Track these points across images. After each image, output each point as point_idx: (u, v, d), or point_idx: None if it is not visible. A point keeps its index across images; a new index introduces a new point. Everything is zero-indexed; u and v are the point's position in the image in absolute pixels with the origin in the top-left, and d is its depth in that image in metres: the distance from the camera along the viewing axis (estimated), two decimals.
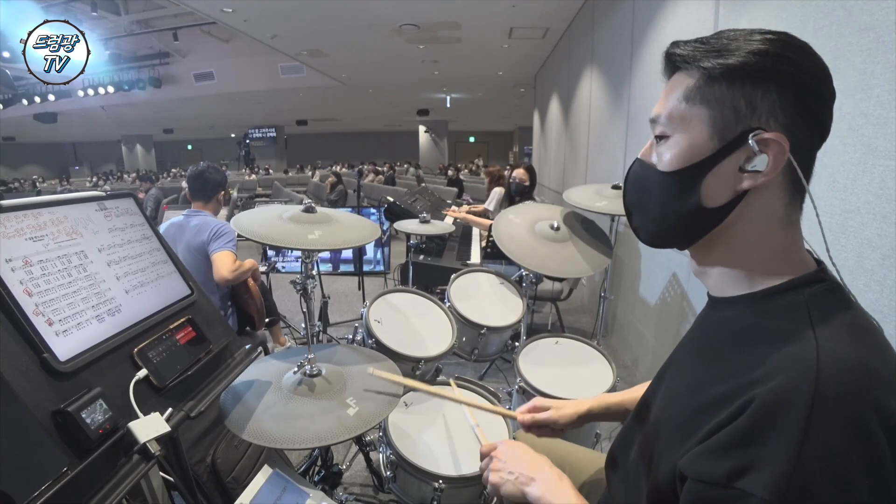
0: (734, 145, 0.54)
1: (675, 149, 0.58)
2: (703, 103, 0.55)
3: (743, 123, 0.53)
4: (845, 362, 0.46)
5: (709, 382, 0.54)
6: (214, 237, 2.07)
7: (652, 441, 0.63)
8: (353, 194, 7.59)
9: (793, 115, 0.52)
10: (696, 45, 0.57)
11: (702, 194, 0.56)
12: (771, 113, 0.52)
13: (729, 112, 0.54)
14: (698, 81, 0.56)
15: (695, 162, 0.56)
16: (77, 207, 0.86)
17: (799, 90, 0.52)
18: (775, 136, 0.51)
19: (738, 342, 0.55)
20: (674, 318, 2.29)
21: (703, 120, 0.55)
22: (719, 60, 0.54)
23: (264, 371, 1.21)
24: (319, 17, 5.25)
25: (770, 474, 0.43)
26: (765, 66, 0.52)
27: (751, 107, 0.53)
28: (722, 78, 0.54)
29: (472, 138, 23.33)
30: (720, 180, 0.55)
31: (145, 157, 20.11)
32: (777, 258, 0.56)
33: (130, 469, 0.70)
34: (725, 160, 0.54)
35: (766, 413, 0.45)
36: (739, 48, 0.53)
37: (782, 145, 0.52)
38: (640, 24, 2.76)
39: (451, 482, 1.17)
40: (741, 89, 0.53)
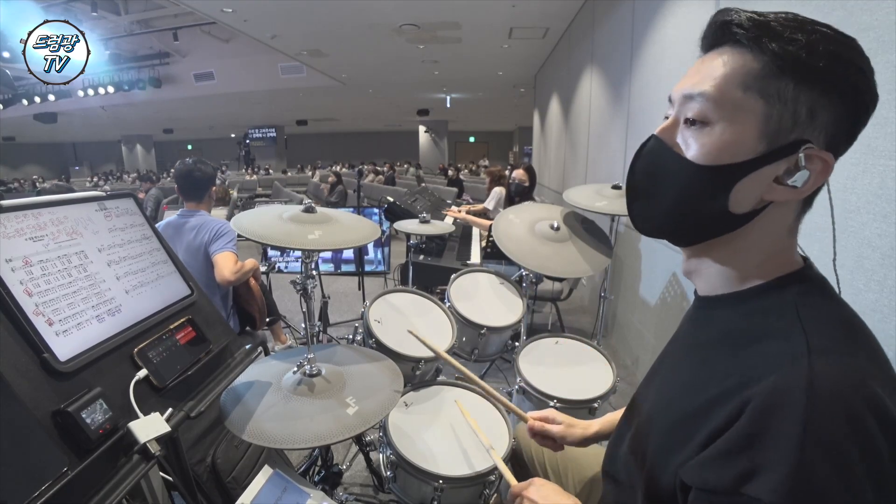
0: (781, 153, 0.49)
1: (714, 140, 0.51)
2: (762, 96, 0.48)
3: (797, 132, 0.48)
4: (836, 359, 0.46)
5: (703, 384, 0.54)
6: (215, 238, 2.05)
7: (645, 440, 0.63)
8: (353, 194, 7.59)
9: (842, 133, 0.49)
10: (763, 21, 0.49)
11: (731, 198, 0.51)
12: (825, 127, 0.48)
13: (787, 115, 0.48)
14: (764, 69, 0.48)
15: (735, 161, 0.50)
16: (77, 207, 0.86)
17: (860, 109, 0.49)
18: (826, 156, 0.48)
19: (730, 342, 0.55)
20: (674, 318, 2.29)
21: (756, 116, 0.49)
22: (795, 49, 0.47)
23: (264, 371, 1.21)
24: (319, 17, 5.25)
25: (775, 477, 0.43)
26: (844, 77, 0.47)
27: (811, 115, 0.48)
28: (793, 73, 0.47)
29: (472, 138, 23.33)
30: (753, 186, 0.50)
31: (145, 157, 20.11)
32: (773, 261, 0.56)
33: (130, 469, 0.70)
34: (766, 167, 0.50)
35: (763, 415, 0.45)
36: (818, 45, 0.47)
37: (829, 165, 0.49)
38: (640, 24, 2.76)
39: (451, 482, 1.17)
40: (808, 93, 0.47)
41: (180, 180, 2.15)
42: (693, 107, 0.52)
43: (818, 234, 1.26)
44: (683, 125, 0.54)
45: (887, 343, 1.01)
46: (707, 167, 0.51)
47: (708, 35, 0.55)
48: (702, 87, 0.52)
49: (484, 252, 3.33)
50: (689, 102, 0.53)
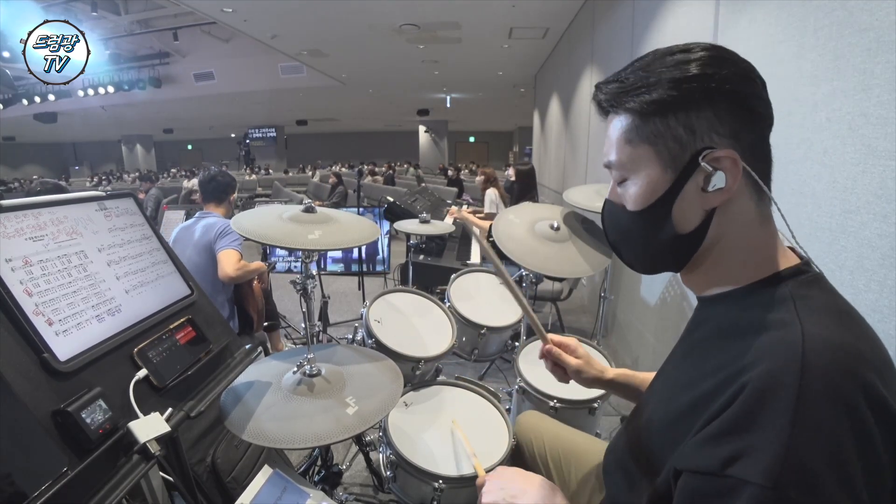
0: (689, 171, 0.55)
1: (635, 189, 0.59)
2: (644, 142, 0.56)
3: (690, 149, 0.54)
4: (829, 343, 0.47)
5: (699, 378, 0.55)
6: (220, 235, 2.10)
7: (646, 439, 0.64)
8: (354, 195, 7.60)
9: (733, 123, 0.53)
10: (617, 87, 0.58)
11: (675, 223, 0.57)
12: (711, 129, 0.53)
13: (672, 143, 0.55)
14: (633, 122, 0.57)
15: (658, 197, 0.57)
16: (77, 207, 0.86)
17: (730, 99, 0.53)
18: (725, 153, 0.52)
19: (726, 336, 0.56)
20: (674, 318, 2.29)
21: (651, 157, 0.56)
22: (643, 98, 0.55)
23: (264, 371, 1.21)
24: (319, 17, 5.25)
25: (763, 459, 0.43)
26: (690, 90, 0.53)
27: (690, 131, 0.53)
28: (654, 114, 0.55)
29: (472, 138, 23.33)
30: (687, 206, 0.56)
31: (145, 157, 20.11)
32: (758, 255, 0.57)
33: (130, 469, 0.70)
34: (686, 187, 0.55)
35: (755, 398, 0.46)
36: (660, 79, 0.54)
37: (734, 159, 0.52)
38: (640, 24, 2.76)
39: (451, 482, 1.17)
40: (676, 118, 0.54)
41: (203, 184, 2.32)
42: (614, 171, 0.62)
43: (819, 234, 1.26)
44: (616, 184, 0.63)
45: (887, 343, 1.01)
46: (642, 211, 0.59)
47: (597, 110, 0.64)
48: (609, 157, 0.62)
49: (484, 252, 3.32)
50: (611, 169, 0.63)
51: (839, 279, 1.15)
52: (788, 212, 0.61)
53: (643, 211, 0.59)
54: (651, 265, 0.66)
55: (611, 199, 0.66)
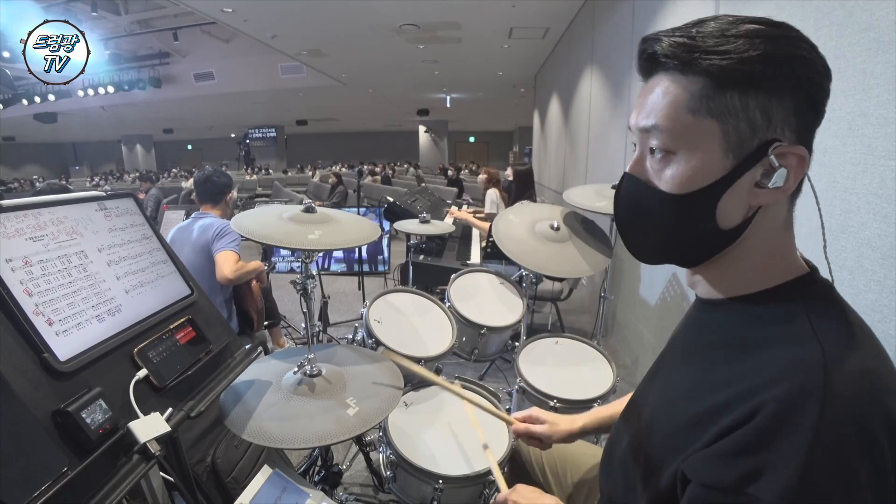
0: (751, 161, 0.49)
1: (683, 168, 0.51)
2: (712, 116, 0.49)
3: (760, 136, 0.48)
4: (852, 368, 0.45)
5: (709, 388, 0.53)
6: (218, 236, 2.09)
7: (646, 442, 0.62)
8: (354, 195, 7.60)
9: (804, 119, 0.49)
10: (688, 41, 0.49)
11: (717, 216, 0.51)
12: (785, 121, 0.48)
13: (744, 126, 0.48)
14: (704, 89, 0.49)
15: (709, 182, 0.50)
16: (77, 207, 0.86)
17: (812, 93, 0.49)
18: (796, 150, 0.48)
19: (738, 347, 0.54)
20: (674, 318, 2.29)
21: (714, 135, 0.49)
22: (727, 64, 0.47)
23: (264, 371, 1.21)
24: (319, 17, 5.25)
25: (780, 480, 0.43)
26: (780, 71, 0.47)
27: (766, 117, 0.48)
28: (733, 86, 0.47)
29: (472, 138, 23.33)
30: (736, 199, 0.50)
31: (145, 157, 20.12)
32: (774, 261, 0.55)
33: (130, 469, 0.70)
34: (743, 177, 0.49)
35: (776, 419, 0.45)
36: (747, 50, 0.46)
37: (803, 157, 0.48)
38: (640, 24, 2.76)
39: (451, 482, 1.17)
40: (756, 98, 0.47)
41: (199, 184, 2.30)
42: (653, 139, 0.53)
43: (819, 233, 1.26)
44: (650, 155, 0.55)
45: (887, 343, 1.01)
46: (684, 195, 0.51)
47: (641, 66, 0.55)
48: (654, 119, 0.52)
49: (484, 252, 3.33)
50: (648, 135, 0.53)
51: (839, 279, 1.15)
52: None
53: (685, 196, 0.51)
54: (663, 255, 0.58)
55: (634, 175, 0.56)
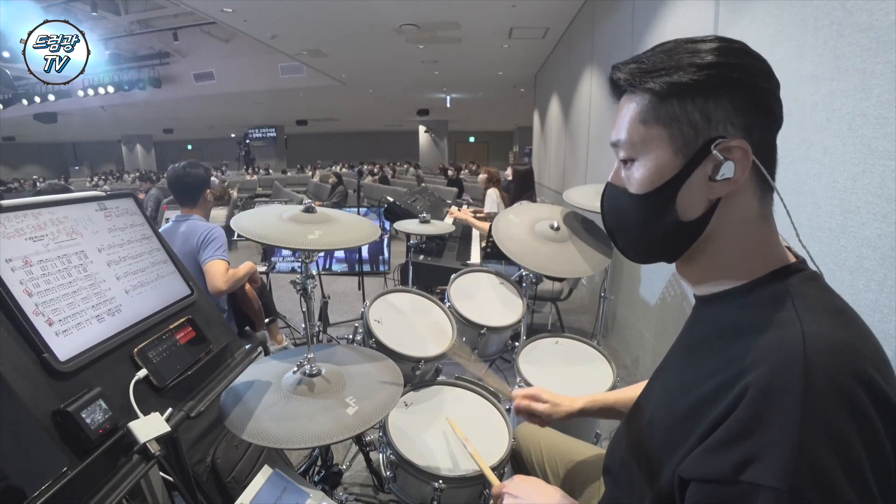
0: (699, 158, 0.55)
1: (642, 171, 0.58)
2: (659, 123, 0.56)
3: (703, 136, 0.54)
4: (830, 342, 0.47)
5: (700, 379, 0.54)
6: (204, 245, 1.95)
7: (647, 444, 0.63)
8: (354, 195, 7.60)
9: (748, 117, 0.54)
10: (637, 67, 0.58)
11: (678, 210, 0.57)
12: (727, 119, 0.53)
13: (687, 128, 0.54)
14: (650, 103, 0.56)
15: (665, 181, 0.57)
16: (77, 207, 0.86)
17: (750, 92, 0.54)
18: (737, 143, 0.53)
19: (725, 336, 0.56)
20: (674, 318, 2.29)
21: (663, 139, 0.56)
22: (664, 79, 0.55)
23: (264, 371, 1.21)
24: (319, 17, 5.25)
25: (775, 462, 0.43)
26: (713, 77, 0.53)
27: (706, 118, 0.54)
28: (672, 96, 0.54)
29: (472, 138, 23.32)
30: (693, 193, 0.56)
31: (145, 157, 20.11)
32: (756, 253, 0.57)
33: (130, 469, 0.70)
34: (694, 174, 0.55)
35: (760, 401, 0.45)
36: (681, 63, 0.54)
37: (745, 150, 0.53)
38: (640, 24, 2.76)
39: (451, 482, 1.17)
40: (693, 103, 0.54)
41: (172, 185, 2.09)
42: (621, 151, 0.61)
43: (819, 234, 1.26)
44: (622, 166, 0.62)
45: (887, 343, 1.01)
46: (646, 194, 0.58)
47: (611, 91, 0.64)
48: (619, 135, 0.61)
49: (484, 252, 3.33)
50: (618, 148, 0.62)
51: (839, 279, 1.15)
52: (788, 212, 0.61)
53: (647, 195, 0.58)
54: (646, 252, 0.65)
55: (613, 183, 0.65)
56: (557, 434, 1.15)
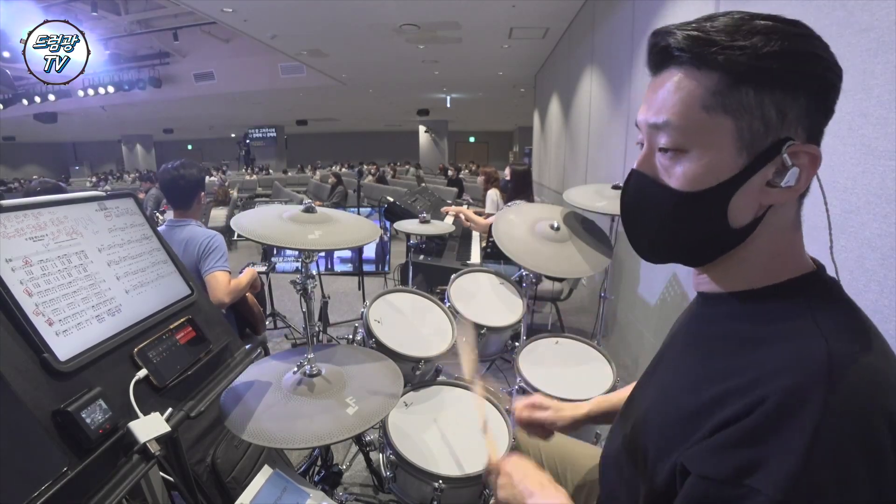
0: (764, 159, 0.48)
1: (693, 166, 0.50)
2: (727, 113, 0.48)
3: (773, 134, 0.48)
4: (856, 365, 0.45)
5: (709, 380, 0.53)
6: (204, 255, 1.88)
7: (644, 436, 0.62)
8: (354, 195, 7.60)
9: (818, 118, 0.49)
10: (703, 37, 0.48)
11: (728, 215, 0.50)
12: (800, 120, 0.47)
13: (759, 123, 0.47)
14: (719, 85, 0.48)
15: (722, 181, 0.49)
16: (77, 207, 0.86)
17: (828, 90, 0.48)
18: (809, 149, 0.48)
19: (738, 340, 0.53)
20: (674, 318, 2.28)
21: (728, 132, 0.48)
22: (744, 59, 0.46)
23: (264, 371, 1.21)
24: (319, 17, 5.25)
25: (779, 473, 0.43)
26: (797, 69, 0.46)
27: (781, 115, 0.47)
28: (749, 82, 0.46)
29: (472, 138, 23.33)
30: (748, 197, 0.50)
31: (145, 157, 20.11)
32: (780, 260, 0.55)
33: (130, 469, 0.70)
34: (755, 175, 0.49)
35: (777, 413, 0.44)
36: (763, 46, 0.45)
37: (816, 157, 0.48)
38: (640, 24, 2.76)
39: (451, 482, 1.17)
40: (772, 95, 0.46)
41: (165, 188, 1.99)
42: (663, 136, 0.52)
43: (819, 234, 1.26)
44: (659, 153, 0.53)
45: None
46: (695, 193, 0.51)
47: (652, 59, 0.53)
48: (665, 115, 0.51)
49: (484, 252, 3.33)
50: (658, 132, 0.52)
51: (839, 279, 1.15)
52: None
53: (696, 193, 0.50)
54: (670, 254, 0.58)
55: (642, 171, 0.56)
56: (557, 434, 1.15)
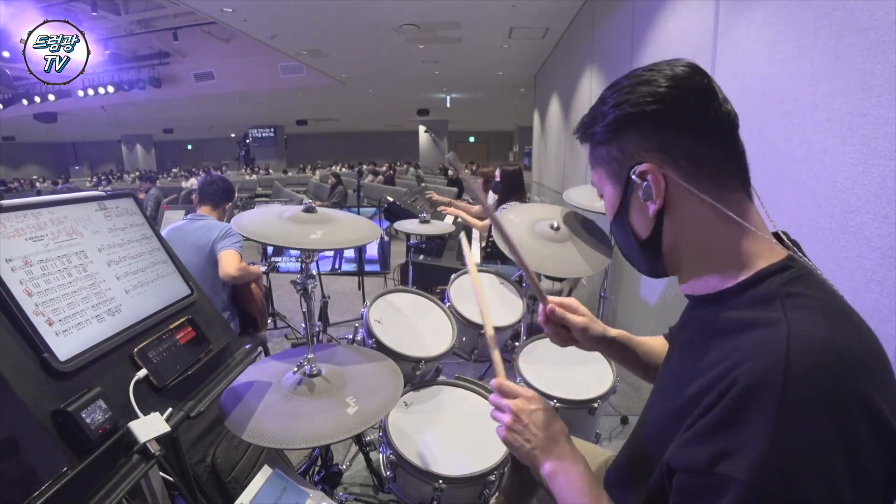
0: (629, 185, 0.62)
1: (606, 203, 0.69)
2: (599, 165, 0.67)
3: (625, 167, 0.62)
4: (814, 341, 0.47)
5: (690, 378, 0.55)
6: (222, 236, 2.13)
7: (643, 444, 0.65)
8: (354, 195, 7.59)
9: (656, 138, 0.59)
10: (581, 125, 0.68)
11: (635, 231, 0.65)
12: (639, 147, 0.60)
13: (614, 164, 0.64)
14: (590, 150, 0.68)
15: (617, 209, 0.66)
16: (77, 207, 0.86)
17: (647, 119, 0.59)
18: (645, 167, 0.59)
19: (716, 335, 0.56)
20: (674, 318, 2.28)
21: (605, 176, 0.66)
22: (591, 131, 0.65)
23: (264, 371, 1.21)
24: (319, 17, 5.25)
25: (748, 457, 0.44)
26: (614, 120, 0.61)
27: (624, 152, 0.62)
28: (598, 143, 0.65)
29: (472, 138, 23.31)
30: (637, 215, 0.64)
31: (145, 157, 20.11)
32: (731, 253, 0.58)
33: (130, 469, 0.70)
34: (631, 199, 0.63)
35: (740, 397, 0.46)
36: (595, 115, 0.65)
37: (652, 170, 0.59)
38: (640, 24, 2.76)
39: (451, 482, 1.17)
40: (610, 145, 0.63)
41: (205, 185, 2.36)
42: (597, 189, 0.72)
43: (819, 234, 1.26)
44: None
45: (887, 343, 1.01)
46: (614, 220, 0.69)
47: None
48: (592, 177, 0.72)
49: (484, 252, 3.32)
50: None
51: (839, 279, 1.15)
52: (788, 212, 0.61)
53: (614, 221, 0.69)
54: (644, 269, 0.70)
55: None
56: None
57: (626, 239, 0.67)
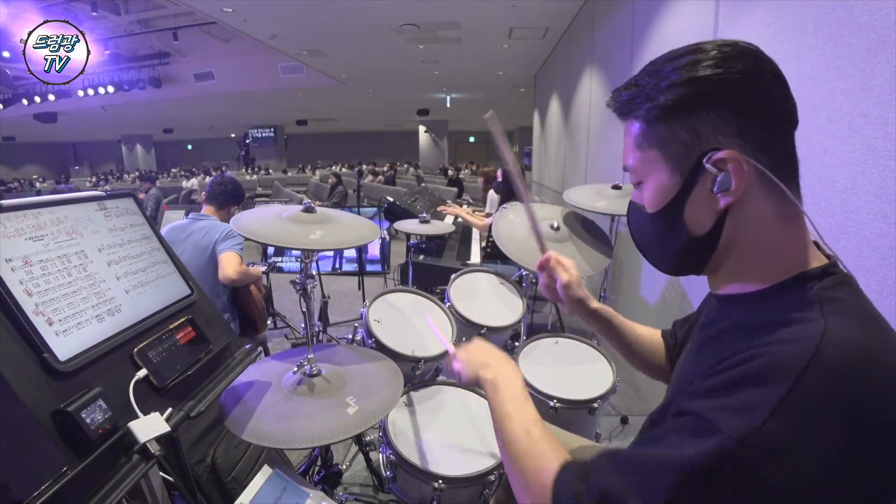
0: (695, 174, 0.56)
1: (649, 192, 0.61)
2: (652, 146, 0.58)
3: (694, 151, 0.55)
4: (848, 341, 0.47)
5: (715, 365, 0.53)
6: (223, 238, 2.11)
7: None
8: (353, 195, 7.60)
9: (738, 123, 0.53)
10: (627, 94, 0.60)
11: (688, 226, 0.58)
12: (716, 131, 0.53)
13: (678, 146, 0.56)
14: (641, 129, 0.59)
15: (669, 199, 0.58)
16: (77, 207, 0.86)
17: (733, 99, 0.53)
18: (727, 154, 0.53)
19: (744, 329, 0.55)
20: (674, 318, 2.28)
21: (659, 161, 0.58)
22: (647, 105, 0.57)
23: (264, 371, 1.21)
24: (319, 17, 5.25)
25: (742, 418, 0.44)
26: (690, 94, 0.54)
27: (695, 134, 0.54)
28: (658, 120, 0.57)
29: (472, 138, 23.33)
30: (698, 208, 0.57)
31: (145, 157, 20.11)
32: (782, 254, 0.56)
33: (130, 469, 0.70)
34: (694, 190, 0.56)
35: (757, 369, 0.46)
36: (660, 85, 0.56)
37: (737, 159, 0.53)
38: (640, 24, 2.76)
39: (450, 482, 1.17)
40: (679, 123, 0.55)
41: (214, 185, 2.36)
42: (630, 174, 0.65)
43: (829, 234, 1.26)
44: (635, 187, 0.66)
45: None
46: (657, 213, 0.61)
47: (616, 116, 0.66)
48: (625, 160, 0.64)
49: (484, 252, 3.32)
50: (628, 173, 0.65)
51: None
52: None
53: (658, 213, 0.61)
54: (673, 267, 0.66)
55: (633, 201, 0.67)
56: (558, 430, 1.15)
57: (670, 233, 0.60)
